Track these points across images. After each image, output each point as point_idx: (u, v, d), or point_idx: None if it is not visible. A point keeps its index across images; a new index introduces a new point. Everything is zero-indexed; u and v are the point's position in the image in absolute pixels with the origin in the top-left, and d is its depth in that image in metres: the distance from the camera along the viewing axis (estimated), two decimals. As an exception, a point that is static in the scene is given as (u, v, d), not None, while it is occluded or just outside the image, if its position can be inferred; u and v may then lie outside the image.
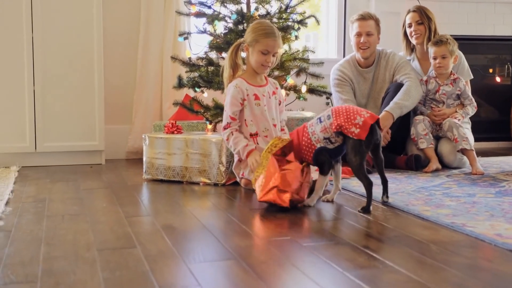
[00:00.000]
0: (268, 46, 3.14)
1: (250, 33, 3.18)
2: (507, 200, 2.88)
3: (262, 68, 3.20)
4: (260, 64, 3.17)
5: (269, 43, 3.14)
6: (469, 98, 4.03)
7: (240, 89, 3.18)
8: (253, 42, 3.15)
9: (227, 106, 3.21)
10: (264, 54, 3.14)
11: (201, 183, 3.44)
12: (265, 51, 3.14)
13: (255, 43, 3.14)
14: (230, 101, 3.18)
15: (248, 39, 3.18)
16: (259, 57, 3.15)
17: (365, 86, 4.20)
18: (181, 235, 2.28)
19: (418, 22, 4.16)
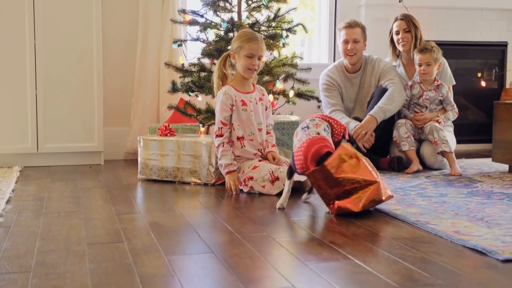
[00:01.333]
0: (252, 49, 3.36)
1: (234, 41, 3.43)
2: (475, 200, 3.07)
3: (249, 72, 3.41)
4: (246, 68, 3.39)
5: (252, 47, 3.36)
6: (451, 104, 4.22)
7: (229, 95, 3.39)
8: (238, 49, 3.38)
9: (217, 112, 3.44)
10: (250, 58, 3.36)
11: (192, 183, 3.64)
12: (250, 55, 3.36)
13: (240, 49, 3.37)
14: (220, 107, 3.40)
15: (233, 47, 3.41)
16: (245, 61, 3.38)
17: (352, 91, 4.40)
18: (166, 231, 2.49)
19: (405, 30, 4.35)
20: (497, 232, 2.43)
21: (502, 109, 4.03)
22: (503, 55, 5.57)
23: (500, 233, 2.40)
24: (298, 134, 2.95)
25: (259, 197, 3.22)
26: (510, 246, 2.21)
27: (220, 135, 3.41)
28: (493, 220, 2.64)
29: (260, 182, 3.28)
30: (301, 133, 2.93)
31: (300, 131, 2.94)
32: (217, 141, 3.41)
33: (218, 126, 3.42)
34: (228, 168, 3.38)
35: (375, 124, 4.04)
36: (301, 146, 2.80)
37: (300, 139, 2.88)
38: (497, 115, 4.08)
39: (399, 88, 4.18)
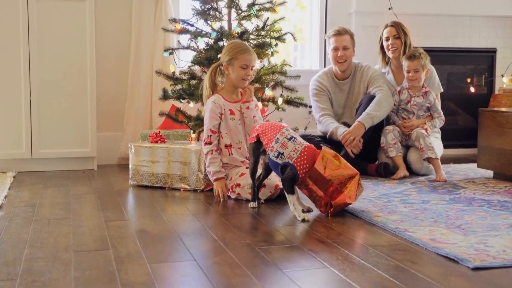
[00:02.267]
0: (246, 60, 3.45)
1: (227, 53, 3.50)
2: (455, 207, 3.15)
3: (243, 82, 3.51)
4: (241, 78, 3.48)
5: (246, 58, 3.46)
6: (438, 111, 4.29)
7: (218, 104, 3.48)
8: (232, 60, 3.46)
9: (206, 120, 3.52)
10: (244, 69, 3.46)
11: (181, 189, 3.73)
12: (244, 66, 3.45)
13: (234, 60, 3.45)
14: (209, 115, 3.49)
15: (226, 59, 3.48)
16: (239, 72, 3.46)
17: (341, 97, 4.48)
18: (151, 238, 2.57)
19: (395, 36, 4.43)
20: (472, 239, 2.51)
21: (487, 116, 4.10)
22: (492, 61, 5.64)
23: (475, 241, 2.48)
24: (287, 145, 3.00)
25: (245, 204, 3.29)
26: (482, 254, 2.29)
27: (209, 142, 3.49)
28: (470, 227, 2.72)
29: (247, 189, 3.35)
30: (291, 143, 3.00)
31: (289, 142, 3.01)
32: (206, 148, 3.49)
33: (207, 134, 3.50)
34: (216, 175, 3.46)
35: (363, 130, 4.12)
36: (303, 153, 2.97)
37: (296, 148, 2.98)
38: (482, 122, 4.16)
39: (387, 94, 4.26)
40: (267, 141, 3.06)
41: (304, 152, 2.97)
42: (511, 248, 2.37)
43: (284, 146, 3.01)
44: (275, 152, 3.02)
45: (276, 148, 3.02)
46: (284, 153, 3.00)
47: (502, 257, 2.25)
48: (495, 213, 3.01)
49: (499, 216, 2.95)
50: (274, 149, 3.03)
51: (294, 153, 2.98)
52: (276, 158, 3.02)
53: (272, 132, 3.08)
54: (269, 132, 3.09)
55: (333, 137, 4.23)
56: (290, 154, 2.98)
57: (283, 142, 3.03)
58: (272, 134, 3.07)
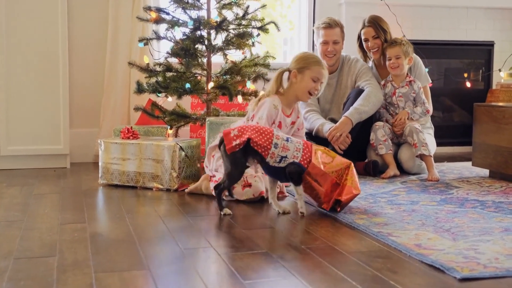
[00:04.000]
0: (319, 73, 3.16)
1: (300, 60, 3.18)
2: (446, 208, 2.90)
3: (308, 95, 3.18)
4: (307, 90, 3.15)
5: (320, 71, 3.16)
6: (422, 101, 4.02)
7: (277, 110, 3.16)
8: (303, 69, 3.15)
9: (262, 119, 3.10)
10: (314, 81, 3.16)
11: (154, 189, 3.47)
12: (315, 78, 3.15)
13: (306, 70, 3.14)
14: (267, 116, 3.11)
15: (298, 66, 3.17)
16: (309, 84, 3.14)
17: (328, 92, 4.22)
18: (106, 243, 2.31)
19: (374, 37, 4.15)
20: (461, 245, 2.26)
21: (482, 112, 3.85)
22: (490, 55, 5.38)
23: (464, 247, 2.23)
24: (288, 146, 2.78)
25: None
26: (472, 262, 2.04)
27: None
28: (460, 231, 2.46)
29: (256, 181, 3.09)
30: (291, 144, 2.80)
31: (288, 143, 2.80)
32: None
33: None
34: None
35: (350, 125, 3.86)
36: (305, 149, 2.83)
37: (297, 148, 2.80)
38: (477, 118, 3.90)
39: (376, 89, 4.00)
40: (264, 148, 2.76)
41: (306, 149, 2.82)
42: (504, 256, 2.12)
43: (286, 149, 2.78)
44: (277, 158, 2.77)
45: (278, 153, 2.77)
46: (287, 155, 2.78)
47: (494, 266, 2.00)
48: (488, 215, 2.75)
49: (493, 218, 2.69)
50: (275, 155, 2.77)
51: (297, 152, 2.79)
52: (278, 163, 2.78)
53: (265, 137, 2.78)
54: (261, 137, 2.78)
55: (319, 134, 3.97)
56: (294, 155, 2.78)
57: (283, 145, 2.79)
58: (267, 139, 2.78)
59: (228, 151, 2.75)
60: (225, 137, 2.77)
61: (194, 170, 3.58)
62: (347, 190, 2.83)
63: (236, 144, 2.74)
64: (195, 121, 3.81)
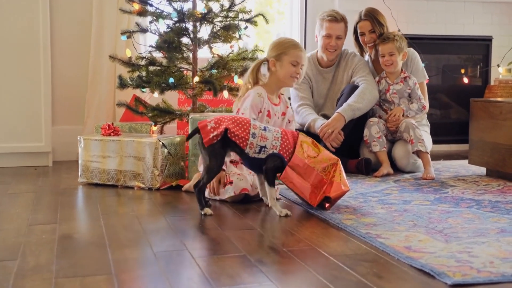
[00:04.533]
0: (297, 57, 2.99)
1: (276, 47, 3.03)
2: (440, 208, 2.74)
3: (291, 79, 3.03)
4: (289, 75, 3.00)
5: (298, 54, 3.00)
6: (417, 97, 3.86)
7: (262, 99, 3.00)
8: (281, 55, 2.99)
9: (245, 110, 2.96)
10: (294, 66, 2.99)
11: (135, 187, 3.32)
12: (294, 62, 2.99)
13: (284, 55, 2.98)
14: (251, 106, 2.96)
15: (274, 54, 3.01)
16: (289, 68, 2.99)
17: (323, 86, 4.07)
18: (73, 247, 2.16)
19: (370, 31, 3.99)
20: (454, 247, 2.10)
21: (479, 107, 3.69)
22: (487, 50, 5.22)
23: (457, 249, 2.08)
24: (266, 136, 2.66)
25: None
26: (464, 267, 1.88)
27: None
28: (453, 232, 2.31)
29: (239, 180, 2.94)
30: (269, 133, 2.68)
31: (266, 133, 2.67)
32: None
33: None
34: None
35: (343, 122, 3.71)
36: (284, 138, 2.71)
37: (275, 136, 2.68)
38: (473, 114, 3.75)
39: (371, 86, 3.84)
40: (242, 139, 2.62)
41: (284, 137, 2.70)
42: (500, 259, 1.96)
43: (264, 138, 2.65)
44: (256, 148, 2.64)
45: (256, 143, 2.64)
46: (266, 145, 2.65)
47: (488, 271, 1.84)
48: (484, 216, 2.60)
49: (488, 219, 2.54)
50: (254, 145, 2.63)
51: (276, 141, 2.67)
52: (258, 154, 2.65)
53: (242, 127, 2.65)
54: (239, 127, 2.64)
55: (311, 129, 3.82)
56: (273, 144, 2.66)
57: (261, 135, 2.65)
58: (244, 129, 2.64)
59: (205, 143, 2.61)
60: (201, 130, 2.63)
61: (178, 168, 3.42)
62: (335, 186, 2.70)
63: (213, 136, 2.60)
64: (180, 117, 3.65)
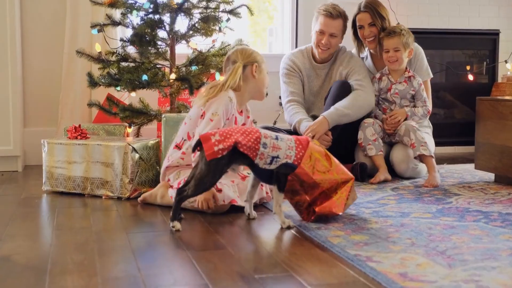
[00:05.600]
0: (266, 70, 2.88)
1: (254, 54, 2.81)
2: (442, 222, 2.40)
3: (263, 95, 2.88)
4: (266, 86, 2.86)
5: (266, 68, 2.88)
6: (423, 99, 3.52)
7: (233, 104, 2.69)
8: (261, 63, 2.82)
9: (216, 116, 2.62)
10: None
11: (103, 197, 2.99)
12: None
13: (262, 63, 2.82)
14: (223, 111, 2.65)
15: (255, 60, 2.80)
16: (267, 78, 2.84)
17: (316, 83, 3.72)
18: (6, 271, 1.83)
19: (370, 24, 3.64)
20: (459, 274, 1.76)
21: (486, 107, 3.34)
22: (494, 45, 4.86)
23: (463, 277, 1.73)
24: (279, 145, 2.34)
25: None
26: (472, 302, 1.54)
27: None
28: (458, 254, 1.97)
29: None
30: (282, 142, 2.36)
31: (279, 142, 2.35)
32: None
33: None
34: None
35: (326, 127, 3.36)
36: (298, 147, 2.40)
37: (289, 146, 2.37)
38: (480, 114, 3.40)
39: (366, 93, 3.49)
40: (251, 149, 2.30)
41: (298, 146, 2.40)
42: (515, 291, 1.62)
43: (277, 148, 2.34)
44: (267, 159, 2.32)
45: (268, 153, 2.32)
46: (279, 155, 2.33)
47: (501, 308, 1.50)
48: (494, 232, 2.25)
49: (499, 236, 2.19)
50: (265, 156, 2.31)
51: (290, 151, 2.36)
52: (269, 164, 2.33)
53: (252, 137, 2.32)
54: (248, 138, 2.31)
55: (298, 131, 3.48)
56: (286, 154, 2.35)
57: (272, 144, 2.33)
58: (254, 140, 2.31)
59: (208, 157, 2.26)
60: (204, 143, 2.28)
61: (152, 175, 3.09)
62: (328, 203, 2.43)
63: (219, 149, 2.25)
64: (156, 118, 3.32)
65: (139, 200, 2.84)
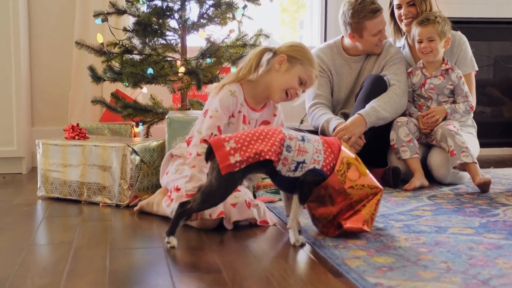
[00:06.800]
0: (310, 77, 2.33)
1: (296, 49, 2.34)
2: (486, 241, 1.99)
3: (283, 96, 2.34)
4: (286, 87, 2.31)
5: (312, 75, 2.33)
6: (464, 94, 3.10)
7: (236, 100, 2.30)
8: (295, 60, 2.30)
9: (217, 113, 2.28)
10: (300, 84, 2.33)
11: (100, 204, 2.68)
12: (303, 80, 2.32)
13: (298, 63, 2.30)
14: (220, 107, 2.28)
15: (290, 53, 2.31)
16: (294, 80, 2.31)
17: (349, 78, 3.33)
18: None
19: (409, 3, 3.24)
20: (506, 315, 1.37)
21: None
22: (550, 35, 4.42)
23: (511, 320, 1.34)
24: (305, 148, 2.00)
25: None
26: None
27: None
28: (505, 285, 1.57)
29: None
30: (308, 144, 2.01)
31: (306, 144, 2.01)
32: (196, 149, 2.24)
33: (209, 132, 2.24)
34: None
35: (364, 128, 2.99)
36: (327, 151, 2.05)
37: (317, 148, 2.02)
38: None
39: (403, 90, 3.11)
40: (274, 153, 1.94)
41: (327, 149, 2.06)
42: None
43: (303, 151, 1.99)
44: (292, 165, 1.97)
45: (292, 158, 1.97)
46: (305, 160, 1.98)
47: None
48: (550, 255, 1.84)
49: (557, 260, 1.79)
50: (288, 161, 1.96)
51: (318, 154, 2.02)
52: (294, 171, 1.98)
53: (272, 140, 1.96)
54: (269, 142, 1.95)
55: (325, 132, 3.11)
56: (314, 158, 2.01)
57: (298, 147, 1.98)
58: (276, 143, 1.95)
59: (223, 170, 1.89)
60: (216, 151, 1.91)
61: (155, 180, 2.76)
62: (357, 218, 2.08)
63: (236, 162, 1.89)
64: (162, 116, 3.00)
65: (135, 209, 2.51)
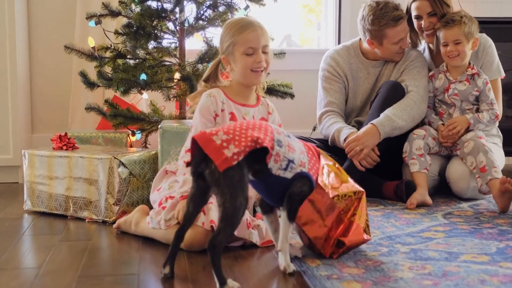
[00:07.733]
0: (249, 41, 2.12)
1: (224, 39, 2.18)
2: (502, 272, 1.75)
3: (254, 75, 2.15)
4: (249, 69, 2.14)
5: (249, 37, 2.12)
6: (489, 101, 2.84)
7: (215, 100, 2.16)
8: (230, 47, 2.14)
9: (196, 119, 2.17)
10: (249, 55, 2.13)
11: (87, 220, 2.49)
12: (249, 51, 2.12)
13: (233, 46, 2.14)
14: (200, 113, 2.16)
15: (223, 49, 2.17)
16: (244, 61, 2.14)
17: (366, 84, 3.08)
18: None
19: (430, 14, 2.97)
20: None
21: None
22: None
23: None
24: (293, 145, 1.79)
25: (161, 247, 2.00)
26: None
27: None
28: (518, 333, 1.33)
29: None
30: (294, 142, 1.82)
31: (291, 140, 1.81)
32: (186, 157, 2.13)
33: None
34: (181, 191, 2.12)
35: (377, 139, 2.75)
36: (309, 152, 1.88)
37: (301, 149, 1.83)
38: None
39: (421, 96, 2.87)
40: (270, 144, 1.71)
41: (309, 151, 1.89)
42: None
43: (292, 149, 1.77)
44: (283, 162, 1.74)
45: (284, 155, 1.74)
46: (294, 159, 1.76)
47: None
48: None
49: None
50: (280, 157, 1.73)
51: (303, 156, 1.83)
52: (284, 170, 1.75)
53: (260, 129, 1.72)
54: (263, 132, 1.72)
55: (336, 143, 2.89)
56: (301, 160, 1.80)
57: (288, 143, 1.77)
58: (265, 132, 1.73)
59: (220, 167, 1.60)
60: (206, 148, 1.62)
61: (146, 194, 2.56)
62: (356, 230, 1.92)
63: (233, 154, 1.61)
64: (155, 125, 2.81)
65: (114, 227, 2.32)
